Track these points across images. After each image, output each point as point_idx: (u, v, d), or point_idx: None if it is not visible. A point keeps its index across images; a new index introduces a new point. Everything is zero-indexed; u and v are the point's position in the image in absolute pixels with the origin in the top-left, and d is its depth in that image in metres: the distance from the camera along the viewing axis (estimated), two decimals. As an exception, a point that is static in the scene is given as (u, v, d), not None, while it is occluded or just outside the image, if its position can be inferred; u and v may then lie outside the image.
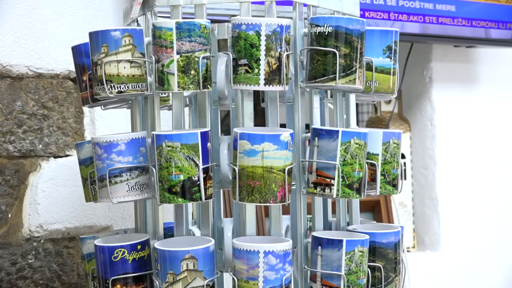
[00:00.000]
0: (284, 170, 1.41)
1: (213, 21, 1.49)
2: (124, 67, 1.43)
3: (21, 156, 1.83)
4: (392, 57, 1.55)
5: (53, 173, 1.87)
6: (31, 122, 1.84)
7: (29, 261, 1.82)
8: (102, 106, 1.62)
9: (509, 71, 2.86)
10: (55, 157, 1.89)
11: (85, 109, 1.93)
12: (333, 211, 1.61)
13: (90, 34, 1.45)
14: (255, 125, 1.50)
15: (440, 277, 2.66)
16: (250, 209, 1.49)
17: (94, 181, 1.52)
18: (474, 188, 2.77)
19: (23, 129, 1.83)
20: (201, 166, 1.41)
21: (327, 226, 1.60)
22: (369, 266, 1.49)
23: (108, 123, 1.95)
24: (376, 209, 2.52)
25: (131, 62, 1.44)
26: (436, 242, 2.69)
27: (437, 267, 2.67)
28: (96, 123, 1.94)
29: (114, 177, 1.45)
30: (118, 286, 1.45)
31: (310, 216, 1.56)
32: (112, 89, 1.43)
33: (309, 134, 1.49)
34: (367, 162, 1.48)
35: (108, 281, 1.45)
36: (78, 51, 1.58)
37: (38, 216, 1.84)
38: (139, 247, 1.46)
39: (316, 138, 1.46)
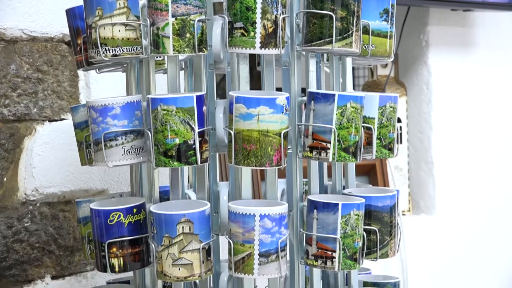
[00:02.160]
0: (280, 133, 1.41)
1: (208, -16, 1.48)
2: (119, 30, 1.42)
3: (16, 120, 1.82)
4: (389, 21, 1.54)
5: (48, 137, 1.87)
6: (25, 86, 1.83)
7: (25, 224, 1.82)
8: (97, 70, 1.61)
9: (506, 35, 2.85)
10: (50, 120, 1.88)
11: (80, 72, 1.92)
12: (329, 175, 1.61)
13: (85, -4, 1.44)
14: (251, 89, 1.50)
15: (434, 240, 2.68)
16: (246, 172, 1.49)
17: (90, 145, 1.51)
18: (469, 152, 2.77)
19: (18, 92, 1.82)
20: (196, 130, 1.41)
21: (323, 190, 1.61)
22: (364, 230, 1.49)
23: (103, 87, 1.95)
24: (371, 173, 2.53)
25: (125, 25, 1.43)
26: (431, 206, 2.70)
27: (432, 230, 2.69)
28: (91, 87, 1.94)
29: (109, 141, 1.44)
30: (114, 249, 1.46)
31: (306, 179, 1.56)
32: (106, 53, 1.43)
33: (305, 98, 1.49)
34: (363, 126, 1.48)
35: (104, 245, 1.45)
36: (72, 14, 1.57)
37: (33, 180, 1.84)
38: (135, 210, 1.46)
39: (312, 101, 1.45)
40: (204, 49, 1.44)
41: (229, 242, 1.43)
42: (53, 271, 1.87)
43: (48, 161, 1.86)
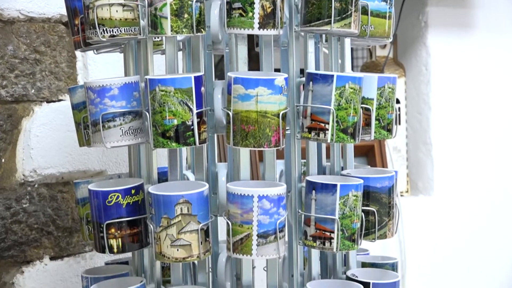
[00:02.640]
0: (279, 114, 1.40)
1: (206, -36, 1.47)
2: (117, 11, 1.42)
3: (14, 101, 1.82)
4: (388, 1, 1.53)
5: (46, 118, 1.86)
6: (23, 67, 1.82)
7: (24, 205, 1.82)
8: (95, 50, 1.61)
9: (505, 17, 2.84)
10: (48, 101, 1.88)
11: (78, 53, 1.92)
12: (327, 156, 1.61)
13: (82, -24, 1.43)
14: (249, 70, 1.49)
15: (432, 221, 2.68)
16: (244, 153, 1.49)
17: (87, 126, 1.51)
18: (468, 133, 2.77)
19: (15, 73, 1.81)
20: (195, 111, 1.40)
21: (321, 171, 1.61)
22: (363, 210, 1.49)
23: (101, 68, 1.94)
24: (370, 154, 2.53)
25: (123, 5, 1.42)
26: (429, 187, 2.71)
27: (430, 211, 2.69)
28: (89, 68, 1.93)
29: (107, 122, 1.44)
30: (113, 230, 1.46)
31: (304, 160, 1.56)
32: (104, 33, 1.42)
33: (303, 79, 1.48)
34: (361, 107, 1.48)
35: (102, 226, 1.45)
36: (69, -6, 1.56)
37: (31, 161, 1.84)
38: (133, 191, 1.46)
39: (311, 82, 1.45)
40: (202, 29, 1.43)
41: (227, 223, 1.43)
42: (51, 252, 1.87)
43: (46, 142, 1.86)
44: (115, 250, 1.46)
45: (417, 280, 2.60)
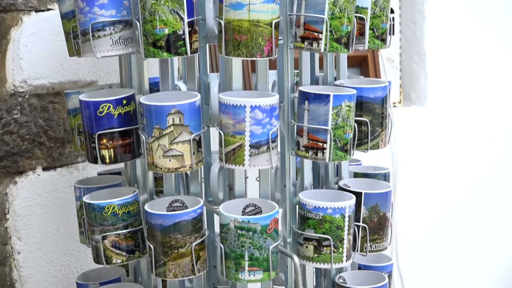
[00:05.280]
0: (271, 23, 1.38)
1: None
2: None
3: (2, 11, 1.79)
4: None
5: (35, 27, 1.83)
6: (10, -25, 1.79)
7: (15, 116, 1.81)
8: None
9: None
10: (37, 11, 1.84)
11: (66, -39, 1.87)
12: (321, 66, 1.60)
13: None
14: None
15: (425, 132, 2.69)
16: (237, 63, 1.48)
17: (77, 36, 1.49)
18: (462, 44, 2.75)
19: (3, -19, 1.78)
20: (186, 20, 1.38)
21: (314, 81, 1.59)
22: (355, 121, 1.49)
23: (90, -24, 1.90)
24: (363, 65, 2.51)
25: None
26: (422, 98, 2.70)
27: (423, 122, 2.69)
28: (78, -24, 1.89)
29: (97, 31, 1.42)
30: (104, 140, 1.45)
31: (297, 71, 1.55)
32: None
33: (296, -13, 1.46)
34: (355, 16, 1.46)
35: (94, 136, 1.45)
36: None
37: (21, 71, 1.82)
38: (124, 102, 1.45)
39: (304, -10, 1.42)
40: None
41: (219, 133, 1.43)
42: (44, 162, 1.87)
43: (36, 52, 1.83)
44: (107, 160, 1.46)
45: (408, 190, 2.63)
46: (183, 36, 1.38)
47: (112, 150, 1.46)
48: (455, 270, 2.80)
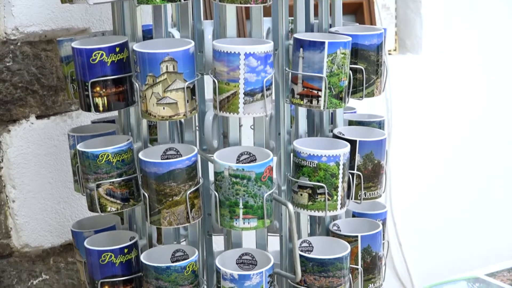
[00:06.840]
0: (266, -31, 1.37)
1: None
2: None
3: (-8, -44, 1.76)
4: None
5: (26, -27, 1.81)
6: None
7: (7, 64, 1.80)
8: None
9: None
10: (28, -44, 1.82)
11: None
12: (316, 13, 1.58)
13: None
14: None
15: (420, 79, 2.68)
16: (231, 10, 1.46)
17: (69, -18, 1.47)
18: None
19: None
20: (179, -34, 1.36)
21: (309, 28, 1.58)
22: (350, 68, 1.48)
23: None
24: (358, 12, 2.49)
25: None
26: (417, 45, 2.69)
27: (418, 70, 2.68)
28: None
29: (89, -23, 1.40)
30: (98, 88, 1.45)
31: (292, 18, 1.53)
32: None
33: None
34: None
35: (87, 84, 1.44)
36: None
37: (13, 19, 1.80)
38: (117, 49, 1.44)
39: None
40: None
41: (213, 81, 1.42)
42: (37, 110, 1.87)
43: (28, -1, 1.81)
44: (101, 108, 1.46)
45: (403, 138, 2.63)
46: (177, -18, 1.37)
47: (105, 98, 1.45)
48: (449, 218, 2.81)
